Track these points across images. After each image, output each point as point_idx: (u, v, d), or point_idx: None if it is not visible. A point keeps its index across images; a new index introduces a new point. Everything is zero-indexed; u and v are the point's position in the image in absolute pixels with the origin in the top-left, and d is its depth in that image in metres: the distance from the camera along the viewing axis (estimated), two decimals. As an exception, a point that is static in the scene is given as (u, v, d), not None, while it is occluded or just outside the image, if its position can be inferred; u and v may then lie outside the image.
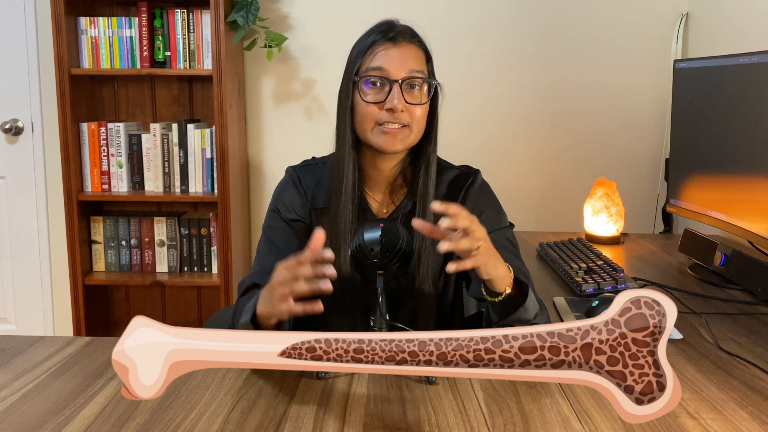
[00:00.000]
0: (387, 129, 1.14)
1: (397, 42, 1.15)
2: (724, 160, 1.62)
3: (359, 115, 1.16)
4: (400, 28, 1.17)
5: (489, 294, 1.03)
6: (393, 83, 1.13)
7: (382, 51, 1.15)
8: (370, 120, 1.15)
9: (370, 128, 1.16)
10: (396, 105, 1.12)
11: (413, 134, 1.16)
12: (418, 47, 1.18)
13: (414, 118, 1.15)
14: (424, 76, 1.16)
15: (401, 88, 1.13)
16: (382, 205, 1.25)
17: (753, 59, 1.50)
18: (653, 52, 2.51)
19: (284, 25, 2.52)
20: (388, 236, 0.98)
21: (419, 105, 1.15)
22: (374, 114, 1.14)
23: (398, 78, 1.13)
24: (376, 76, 1.14)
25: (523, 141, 2.58)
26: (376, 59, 1.15)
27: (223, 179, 2.34)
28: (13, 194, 2.62)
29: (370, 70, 1.14)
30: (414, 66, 1.15)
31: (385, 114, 1.14)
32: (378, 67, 1.14)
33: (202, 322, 2.66)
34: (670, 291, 1.49)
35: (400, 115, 1.13)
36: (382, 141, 1.15)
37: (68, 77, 2.28)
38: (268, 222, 1.25)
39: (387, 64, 1.14)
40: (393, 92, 1.13)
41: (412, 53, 1.16)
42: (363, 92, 1.15)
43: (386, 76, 1.14)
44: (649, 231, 2.50)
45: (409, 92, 1.15)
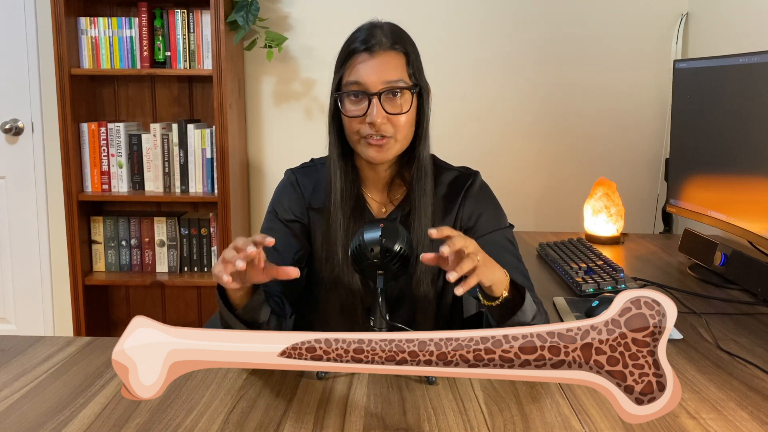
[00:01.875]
0: (372, 141, 1.14)
1: (374, 52, 1.13)
2: (724, 160, 1.62)
3: (345, 128, 1.17)
4: (377, 37, 1.14)
5: (486, 298, 1.03)
6: (372, 96, 1.12)
7: (359, 64, 1.13)
8: (354, 133, 1.15)
9: (356, 140, 1.16)
10: (375, 119, 1.11)
11: (399, 143, 1.16)
12: (397, 52, 1.15)
13: (398, 127, 1.14)
14: (405, 84, 1.14)
15: (380, 99, 1.12)
16: (381, 205, 1.25)
17: (753, 59, 1.50)
18: (653, 52, 2.51)
19: (284, 25, 2.52)
20: (388, 236, 0.98)
21: (402, 114, 1.14)
22: (357, 128, 1.14)
23: (375, 91, 1.12)
24: (354, 90, 1.13)
25: (522, 141, 2.58)
26: (353, 73, 1.14)
27: (223, 179, 2.34)
28: (13, 194, 2.62)
29: (349, 85, 1.14)
30: (391, 76, 1.13)
31: (367, 127, 1.13)
32: (355, 81, 1.13)
33: (202, 322, 2.67)
34: (670, 291, 1.49)
35: (382, 127, 1.13)
36: (370, 153, 1.15)
37: (68, 77, 2.29)
38: (266, 224, 1.26)
39: (364, 77, 1.12)
40: (372, 106, 1.12)
41: (390, 62, 1.14)
42: (345, 107, 1.15)
43: (364, 90, 1.13)
44: (649, 231, 2.50)
45: (390, 101, 1.13)
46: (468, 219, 1.24)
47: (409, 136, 1.18)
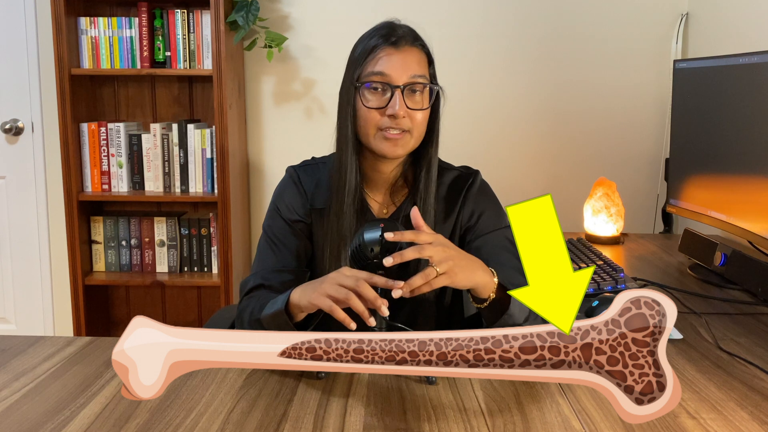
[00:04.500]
0: (389, 135, 1.13)
1: (399, 46, 1.14)
2: (724, 160, 1.62)
3: (361, 120, 1.16)
4: (402, 32, 1.16)
5: (474, 300, 1.03)
6: (395, 89, 1.12)
7: (384, 56, 1.14)
8: (372, 125, 1.14)
9: (372, 133, 1.15)
10: (398, 111, 1.12)
11: (414, 139, 1.16)
12: (420, 50, 1.17)
13: (415, 123, 1.15)
14: (426, 81, 1.16)
15: (403, 93, 1.13)
16: (383, 206, 1.25)
17: (753, 59, 1.50)
18: (653, 52, 2.51)
19: (284, 25, 2.52)
20: (388, 236, 0.98)
21: (421, 110, 1.15)
22: (376, 119, 1.14)
23: (400, 84, 1.13)
24: (378, 81, 1.13)
25: (522, 141, 2.58)
26: (378, 64, 1.14)
27: (223, 179, 2.34)
28: (13, 194, 2.62)
29: (373, 75, 1.14)
30: (416, 71, 1.14)
31: (386, 120, 1.13)
32: (380, 72, 1.13)
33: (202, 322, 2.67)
34: (670, 291, 1.49)
35: (402, 120, 1.13)
36: (385, 147, 1.15)
37: (68, 77, 2.28)
38: (268, 221, 1.26)
39: (389, 69, 1.13)
40: (395, 98, 1.12)
41: (415, 57, 1.15)
42: (365, 98, 1.15)
43: (388, 81, 1.13)
44: (649, 231, 2.50)
45: (410, 97, 1.14)
46: (468, 218, 1.24)
47: (422, 135, 1.18)
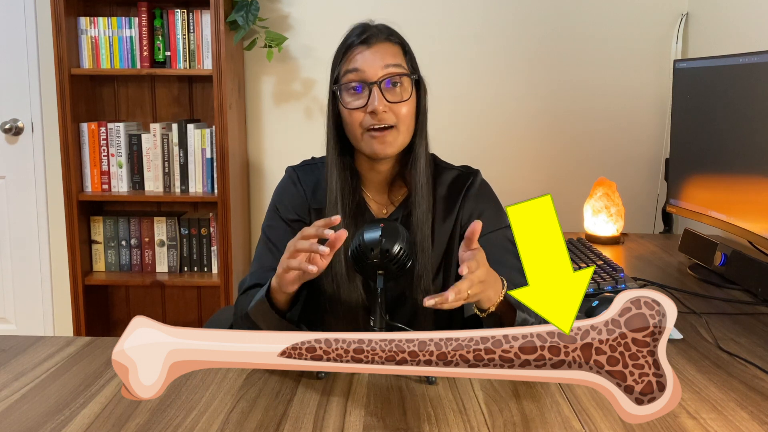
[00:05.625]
0: (375, 134, 1.13)
1: (371, 43, 1.15)
2: (724, 160, 1.62)
3: (347, 124, 1.16)
4: (373, 30, 1.17)
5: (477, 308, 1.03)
6: (372, 85, 1.12)
7: (357, 54, 1.14)
8: (356, 126, 1.14)
9: (359, 135, 1.15)
10: (377, 107, 1.11)
11: (402, 134, 1.15)
12: (393, 44, 1.17)
13: (400, 117, 1.14)
14: (403, 69, 1.15)
15: (380, 88, 1.12)
16: (382, 205, 1.25)
17: (753, 59, 1.50)
18: (653, 52, 2.51)
19: (284, 25, 2.52)
20: (388, 237, 0.98)
21: (402, 102, 1.14)
22: (359, 119, 1.14)
23: (375, 79, 1.12)
24: (354, 80, 1.14)
25: (522, 141, 2.57)
26: (352, 62, 1.14)
27: (223, 179, 2.34)
28: (13, 194, 2.62)
29: (348, 74, 1.14)
30: (390, 61, 1.14)
31: (369, 118, 1.13)
32: (355, 68, 1.13)
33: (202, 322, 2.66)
34: (670, 291, 1.49)
35: (384, 116, 1.12)
36: (374, 147, 1.14)
37: (68, 77, 2.28)
38: (267, 221, 1.26)
39: (363, 65, 1.13)
40: (373, 94, 1.12)
41: (388, 51, 1.15)
42: (344, 101, 1.15)
43: (364, 78, 1.13)
44: (649, 231, 2.50)
45: (390, 91, 1.14)
46: (468, 218, 1.24)
47: (411, 128, 1.17)
